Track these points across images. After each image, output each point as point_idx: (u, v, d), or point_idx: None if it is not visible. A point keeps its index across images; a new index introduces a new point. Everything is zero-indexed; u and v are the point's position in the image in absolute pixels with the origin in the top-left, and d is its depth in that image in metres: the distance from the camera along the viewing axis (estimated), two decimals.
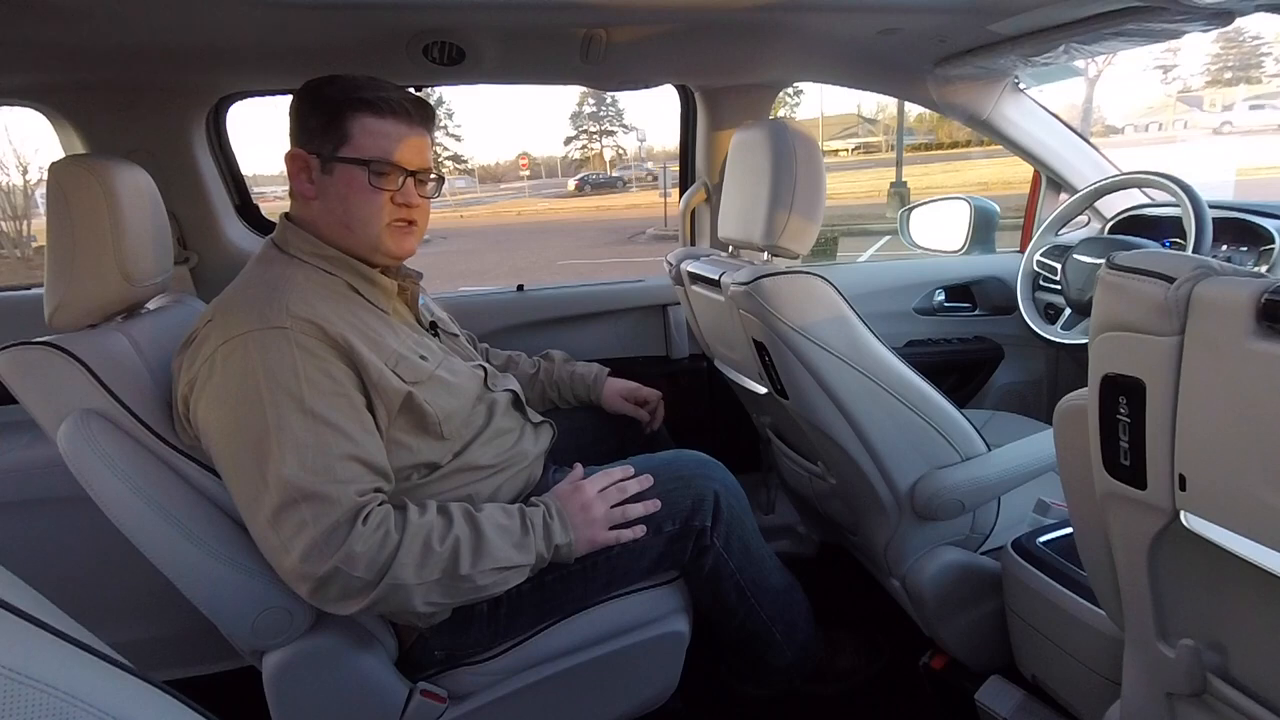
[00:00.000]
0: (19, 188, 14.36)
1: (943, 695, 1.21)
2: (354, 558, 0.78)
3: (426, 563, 0.82)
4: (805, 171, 1.05)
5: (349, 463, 0.81)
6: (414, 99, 0.94)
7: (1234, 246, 1.34)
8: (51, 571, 1.31)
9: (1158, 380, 0.52)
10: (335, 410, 0.82)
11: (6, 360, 0.85)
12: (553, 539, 0.92)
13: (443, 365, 0.98)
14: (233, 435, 0.80)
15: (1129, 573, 0.64)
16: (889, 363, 1.06)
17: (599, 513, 0.96)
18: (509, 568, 0.88)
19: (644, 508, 0.99)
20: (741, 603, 1.09)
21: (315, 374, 0.81)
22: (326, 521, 0.77)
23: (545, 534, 0.92)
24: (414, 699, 0.95)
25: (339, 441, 0.81)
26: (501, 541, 0.88)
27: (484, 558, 0.85)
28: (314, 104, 0.91)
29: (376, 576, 0.79)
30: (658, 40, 1.25)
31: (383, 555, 0.79)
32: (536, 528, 0.91)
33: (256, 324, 0.81)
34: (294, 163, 0.92)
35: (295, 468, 0.77)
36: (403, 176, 0.93)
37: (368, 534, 0.79)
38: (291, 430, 0.78)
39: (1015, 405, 1.81)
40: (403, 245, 0.96)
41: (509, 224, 20.44)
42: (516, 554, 0.88)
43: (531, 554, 0.89)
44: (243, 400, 0.79)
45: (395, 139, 0.91)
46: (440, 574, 0.83)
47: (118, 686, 0.30)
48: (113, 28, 1.01)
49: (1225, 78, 32.08)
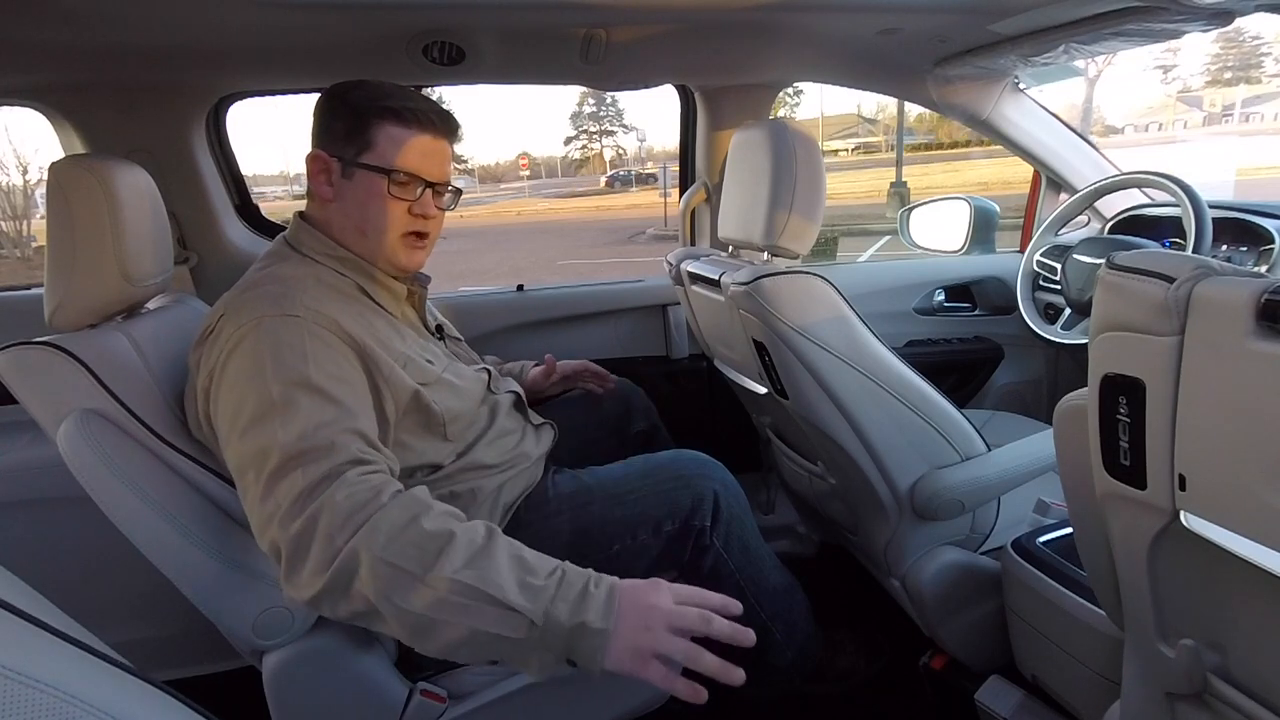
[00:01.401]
0: (19, 188, 14.39)
1: (943, 695, 1.21)
2: (333, 506, 0.69)
3: (403, 537, 0.69)
4: (805, 171, 1.05)
5: (350, 434, 0.77)
6: (439, 111, 0.94)
7: (1234, 246, 1.34)
8: (51, 571, 1.31)
9: (1158, 380, 0.52)
10: (340, 391, 0.80)
11: (6, 360, 0.85)
12: (583, 612, 0.68)
13: (448, 369, 0.99)
14: (238, 413, 0.78)
15: (1129, 573, 0.64)
16: (889, 363, 1.06)
17: (659, 625, 0.69)
18: (499, 602, 0.67)
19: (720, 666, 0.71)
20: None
21: (324, 359, 0.81)
22: (316, 472, 0.71)
23: (578, 601, 0.69)
24: (414, 699, 0.95)
25: (342, 417, 0.78)
26: (509, 568, 0.70)
27: (473, 567, 0.68)
28: (340, 108, 0.91)
29: (345, 537, 0.68)
30: (658, 40, 1.25)
31: (363, 513, 0.69)
32: (568, 586, 0.70)
33: (271, 311, 0.81)
34: (315, 164, 0.92)
35: (295, 437, 0.74)
36: (422, 187, 0.93)
37: (356, 481, 0.71)
38: (297, 407, 0.76)
39: (1015, 405, 1.81)
40: (413, 259, 0.97)
41: (509, 224, 20.46)
42: (517, 593, 0.68)
43: (539, 608, 0.68)
44: (252, 377, 0.78)
45: (418, 150, 0.92)
46: (412, 562, 0.68)
47: (118, 686, 0.30)
48: (113, 28, 1.01)
49: (1225, 78, 32.11)
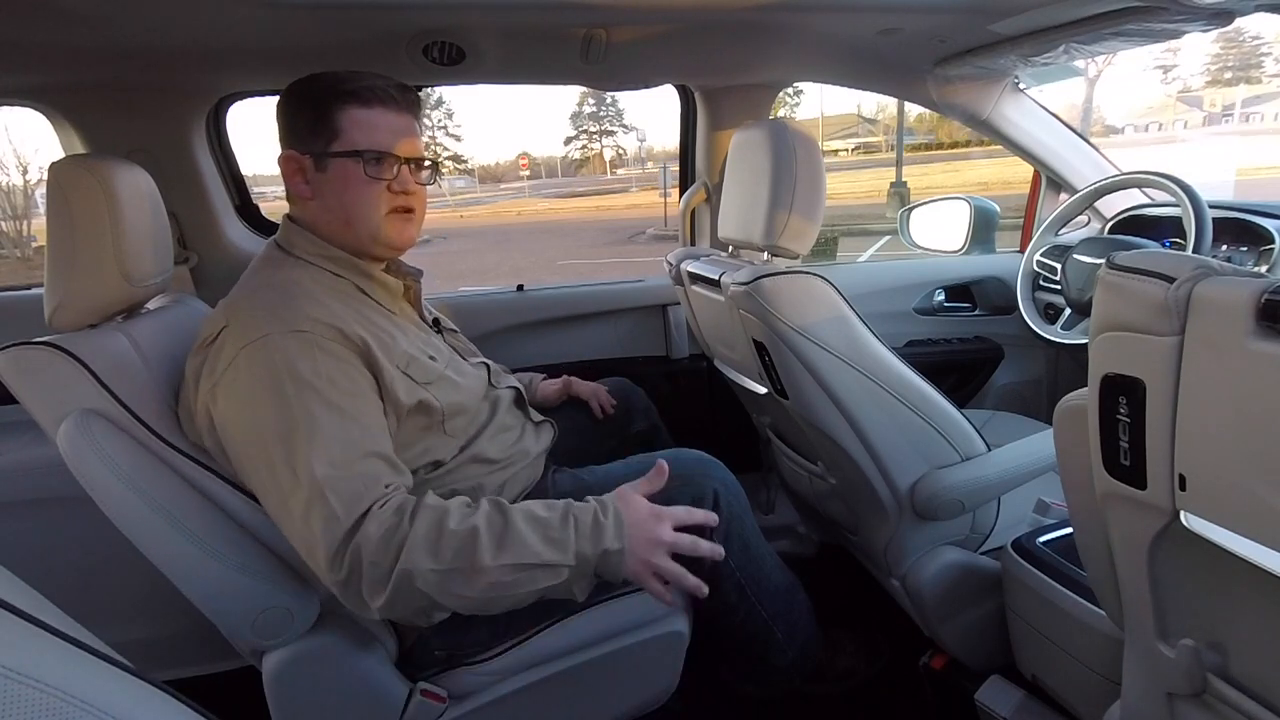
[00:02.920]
0: (19, 188, 14.39)
1: (943, 695, 1.21)
2: (368, 540, 0.75)
3: (440, 545, 0.76)
4: (805, 171, 1.05)
5: (373, 459, 0.81)
6: (398, 85, 0.93)
7: (1234, 246, 1.34)
8: (51, 571, 1.31)
9: (1158, 380, 0.52)
10: (359, 408, 0.82)
11: (6, 360, 0.85)
12: (602, 541, 0.79)
13: (450, 365, 0.99)
14: (260, 434, 0.80)
15: (1129, 573, 0.64)
16: (889, 363, 1.06)
17: (664, 535, 0.81)
18: (538, 565, 0.78)
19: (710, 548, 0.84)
20: (742, 602, 1.08)
21: (338, 374, 0.82)
22: (355, 513, 0.76)
23: (594, 534, 0.80)
24: (414, 699, 0.95)
25: (364, 438, 0.81)
26: (532, 533, 0.79)
27: (508, 549, 0.77)
28: (300, 103, 0.91)
29: (391, 561, 0.75)
30: (658, 40, 1.25)
31: (396, 537, 0.75)
32: (583, 525, 0.80)
33: (277, 327, 0.81)
34: (288, 165, 0.92)
35: (324, 463, 0.77)
36: (397, 164, 0.92)
37: (383, 516, 0.77)
38: (318, 425, 0.78)
39: (1015, 405, 1.81)
40: (404, 234, 0.96)
41: (509, 224, 20.46)
42: (549, 550, 0.78)
43: (570, 553, 0.79)
44: (270, 399, 0.79)
45: (385, 127, 0.91)
46: (456, 560, 0.76)
47: (118, 686, 0.30)
48: (113, 28, 1.01)
49: (1225, 78, 32.12)
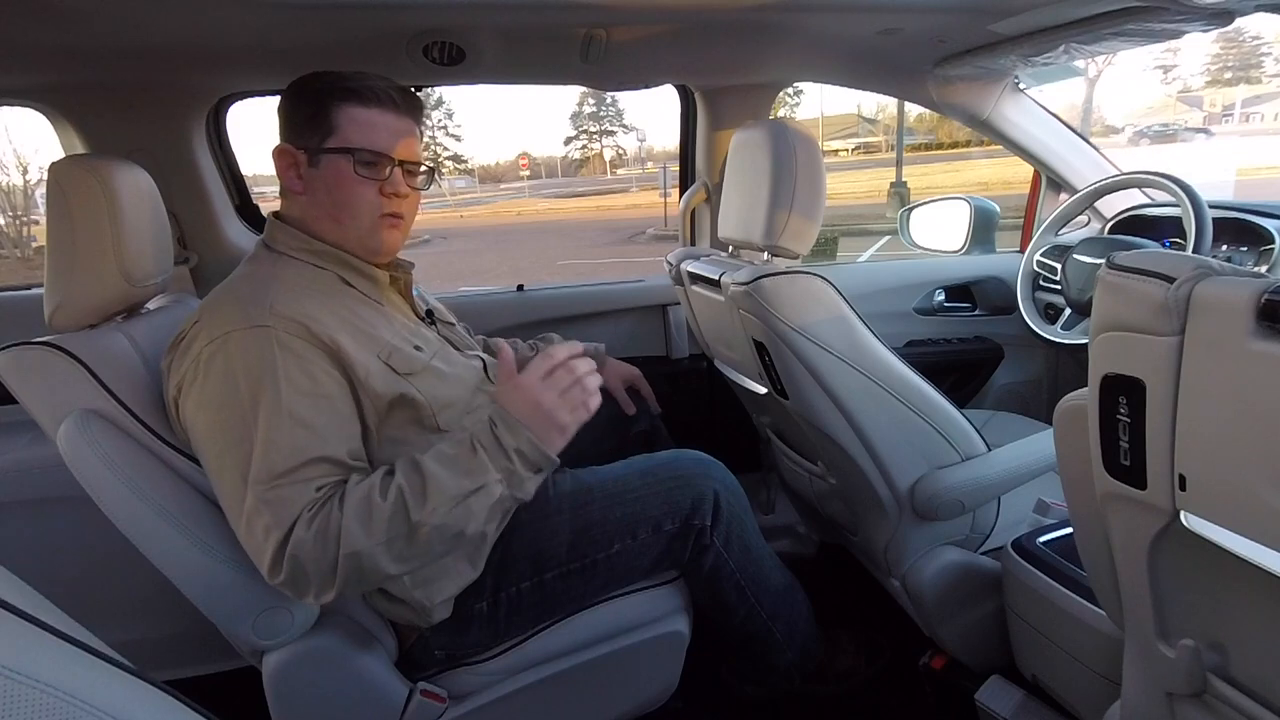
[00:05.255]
0: (19, 188, 14.40)
1: (943, 695, 1.21)
2: (302, 545, 0.76)
3: (373, 519, 0.77)
4: (805, 171, 1.05)
5: (316, 464, 0.80)
6: (400, 89, 0.93)
7: (1234, 246, 1.34)
8: (51, 571, 1.31)
9: (1158, 380, 0.52)
10: (314, 410, 0.81)
11: (6, 360, 0.85)
12: (507, 441, 0.82)
13: (438, 356, 0.97)
14: (216, 438, 0.80)
15: (1129, 573, 0.64)
16: (889, 363, 1.06)
17: (550, 401, 0.84)
18: (469, 493, 0.80)
19: (595, 376, 0.89)
20: (742, 602, 1.09)
21: (296, 373, 0.81)
22: (287, 521, 0.77)
23: (497, 443, 0.83)
24: (414, 699, 0.95)
25: (310, 443, 0.80)
26: (449, 473, 0.81)
27: (431, 496, 0.79)
28: (300, 98, 0.91)
29: (332, 552, 0.76)
30: (658, 40, 1.25)
31: (330, 527, 0.76)
32: (485, 444, 0.83)
33: (240, 323, 0.81)
34: (281, 158, 0.92)
35: (266, 473, 0.77)
36: (390, 166, 0.92)
37: (312, 517, 0.78)
38: (267, 433, 0.78)
39: (1015, 405, 1.81)
40: (390, 240, 0.95)
41: (509, 224, 20.42)
42: (469, 480, 0.81)
43: (489, 471, 0.81)
44: (225, 403, 0.79)
45: (382, 128, 0.91)
46: (392, 528, 0.78)
47: (118, 686, 0.30)
48: (113, 28, 1.01)
49: (1225, 78, 32.12)
